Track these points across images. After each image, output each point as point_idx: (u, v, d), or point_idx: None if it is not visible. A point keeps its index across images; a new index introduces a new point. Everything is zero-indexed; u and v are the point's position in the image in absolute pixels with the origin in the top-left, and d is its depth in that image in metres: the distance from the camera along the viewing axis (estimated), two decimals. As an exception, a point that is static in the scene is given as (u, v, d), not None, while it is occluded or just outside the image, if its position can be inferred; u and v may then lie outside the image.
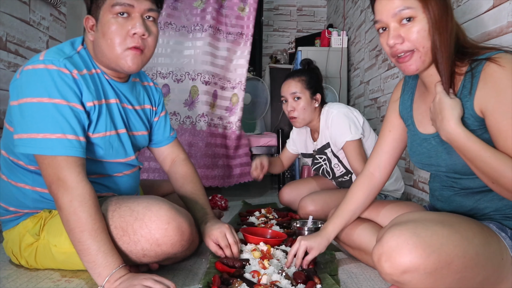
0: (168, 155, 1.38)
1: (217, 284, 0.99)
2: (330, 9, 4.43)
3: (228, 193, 2.67)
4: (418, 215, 0.89)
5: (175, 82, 2.58)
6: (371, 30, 2.84)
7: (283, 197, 2.08)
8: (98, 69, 1.13)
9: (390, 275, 0.82)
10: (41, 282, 1.06)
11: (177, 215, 1.04)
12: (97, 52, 1.10)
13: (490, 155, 0.82)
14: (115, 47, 1.05)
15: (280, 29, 4.64)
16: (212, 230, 1.19)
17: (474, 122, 0.88)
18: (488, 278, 0.84)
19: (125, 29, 1.05)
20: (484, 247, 0.83)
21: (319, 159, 1.90)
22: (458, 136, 0.84)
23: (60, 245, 1.06)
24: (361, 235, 1.19)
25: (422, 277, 0.79)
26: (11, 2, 1.81)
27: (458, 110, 0.86)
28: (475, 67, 0.87)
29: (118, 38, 1.04)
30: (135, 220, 1.01)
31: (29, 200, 1.11)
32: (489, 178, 0.84)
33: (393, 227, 0.84)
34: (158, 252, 1.03)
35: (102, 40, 1.06)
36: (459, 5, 1.55)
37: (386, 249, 0.82)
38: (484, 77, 0.85)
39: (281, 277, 1.02)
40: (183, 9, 2.69)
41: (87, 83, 1.06)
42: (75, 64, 1.05)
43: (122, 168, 1.19)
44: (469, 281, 0.82)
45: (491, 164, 0.82)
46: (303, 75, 1.82)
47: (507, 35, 1.25)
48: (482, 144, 0.83)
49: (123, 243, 1.02)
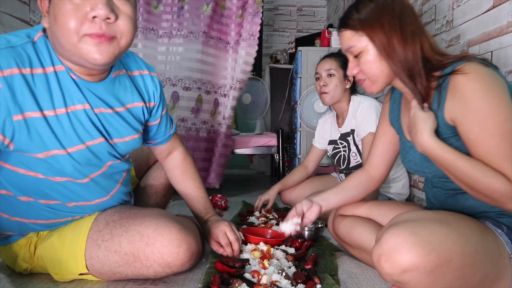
0: (166, 149, 1.27)
1: (217, 284, 0.99)
2: (330, 9, 4.43)
3: (228, 193, 2.67)
4: (416, 215, 0.89)
5: (184, 90, 2.62)
6: (371, 30, 2.83)
7: (285, 196, 2.08)
8: (62, 65, 0.88)
9: (390, 275, 0.82)
10: (41, 282, 1.06)
11: (187, 236, 1.03)
12: (54, 43, 0.85)
13: (464, 164, 0.85)
14: (70, 35, 0.80)
15: (280, 29, 4.64)
16: (212, 229, 1.20)
17: (447, 131, 0.92)
18: (488, 275, 0.84)
19: (82, 10, 0.79)
20: (482, 244, 0.84)
21: (339, 145, 1.92)
22: (432, 147, 0.89)
23: (62, 274, 1.03)
24: (361, 234, 1.19)
25: (422, 276, 0.79)
26: (11, 2, 1.81)
27: (430, 122, 0.91)
28: (443, 81, 0.91)
29: (73, 22, 0.79)
30: (146, 246, 0.99)
31: (7, 226, 1.02)
32: (465, 185, 0.87)
33: (391, 227, 0.85)
34: (168, 272, 1.03)
35: (55, 25, 0.81)
36: (459, 5, 1.55)
37: (385, 249, 0.82)
38: (451, 89, 0.89)
39: (281, 277, 1.02)
40: (191, 16, 2.71)
41: (21, 89, 0.81)
42: (20, 58, 0.82)
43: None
44: (469, 278, 0.82)
45: (466, 172, 0.85)
46: (339, 56, 1.87)
47: (507, 35, 1.25)
48: (456, 154, 0.87)
49: (134, 268, 1.01)
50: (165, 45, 2.62)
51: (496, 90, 0.84)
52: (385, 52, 0.95)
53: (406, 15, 0.95)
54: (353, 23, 0.99)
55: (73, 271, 1.01)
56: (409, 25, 0.95)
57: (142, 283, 1.06)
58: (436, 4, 1.78)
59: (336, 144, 1.94)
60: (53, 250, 1.03)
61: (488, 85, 0.84)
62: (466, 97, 0.85)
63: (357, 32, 0.98)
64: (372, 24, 0.96)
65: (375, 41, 0.96)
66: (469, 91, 0.85)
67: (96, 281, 1.06)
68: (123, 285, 1.05)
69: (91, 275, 1.03)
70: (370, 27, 0.96)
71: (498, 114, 0.82)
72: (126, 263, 1.00)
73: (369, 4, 0.97)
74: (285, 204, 2.14)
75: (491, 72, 0.86)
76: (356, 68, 1.02)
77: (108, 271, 1.01)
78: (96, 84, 0.94)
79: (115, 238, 1.00)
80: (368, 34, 0.96)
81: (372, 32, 0.96)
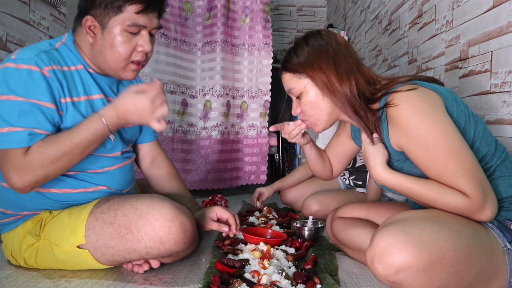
0: (149, 152, 1.40)
1: (217, 284, 0.99)
2: (330, 9, 4.43)
3: (228, 193, 2.67)
4: (407, 215, 0.89)
5: (190, 98, 2.70)
6: (371, 30, 2.84)
7: (285, 196, 2.07)
8: (81, 65, 1.12)
9: (385, 276, 0.82)
10: (41, 282, 1.06)
11: (180, 213, 1.05)
12: (97, 57, 1.10)
13: (420, 188, 0.90)
14: (121, 60, 1.08)
15: (280, 29, 4.64)
16: (206, 212, 1.27)
17: (399, 157, 0.97)
18: (483, 269, 0.84)
19: (133, 44, 1.08)
20: (474, 239, 0.84)
21: None
22: (386, 180, 0.95)
23: (62, 245, 1.06)
24: (360, 236, 1.19)
25: (416, 275, 0.79)
26: (11, 2, 1.81)
27: (380, 156, 0.96)
28: (381, 115, 0.98)
29: (126, 53, 1.07)
30: (138, 218, 1.02)
31: (27, 201, 1.11)
32: (428, 204, 0.92)
33: (382, 228, 0.85)
34: (161, 250, 1.04)
35: (109, 50, 1.07)
36: (459, 5, 1.55)
37: (377, 251, 0.82)
38: (390, 121, 0.95)
39: (281, 277, 1.02)
40: (194, 26, 2.76)
41: (60, 80, 1.04)
42: (50, 59, 1.04)
43: (111, 162, 1.18)
44: (464, 275, 0.82)
45: (423, 195, 0.90)
46: None
47: (507, 35, 1.25)
48: (410, 180, 0.92)
49: (126, 241, 1.03)
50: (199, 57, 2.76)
51: (428, 112, 0.88)
52: (328, 90, 1.01)
53: (340, 55, 1.02)
54: (292, 66, 1.06)
55: (72, 241, 1.05)
56: (343, 64, 1.01)
57: (142, 283, 1.06)
58: (436, 4, 1.78)
59: None
60: (60, 223, 1.08)
61: (419, 110, 0.89)
62: (402, 126, 0.90)
63: (295, 74, 1.05)
64: (311, 65, 1.02)
65: (316, 80, 1.02)
66: (403, 121, 0.90)
67: (96, 281, 1.07)
68: (123, 285, 1.05)
69: (87, 250, 1.05)
70: (309, 68, 1.03)
71: (435, 134, 0.86)
72: (118, 235, 1.03)
73: (306, 47, 1.05)
74: (284, 204, 2.13)
75: (420, 94, 0.91)
76: (298, 108, 1.09)
77: (102, 244, 1.04)
78: (107, 77, 1.18)
79: (111, 211, 1.05)
80: (309, 75, 1.03)
81: (312, 72, 1.02)
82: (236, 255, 1.24)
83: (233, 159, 2.78)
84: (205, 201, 2.17)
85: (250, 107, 2.81)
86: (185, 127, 2.67)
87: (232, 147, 2.77)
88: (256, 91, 2.79)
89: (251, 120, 2.81)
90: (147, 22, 1.07)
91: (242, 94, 2.81)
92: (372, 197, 1.66)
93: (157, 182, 1.38)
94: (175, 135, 2.61)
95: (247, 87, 2.80)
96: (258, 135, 2.80)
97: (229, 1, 2.78)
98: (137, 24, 1.06)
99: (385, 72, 2.50)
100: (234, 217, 1.28)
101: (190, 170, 2.64)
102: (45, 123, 1.00)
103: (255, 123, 2.81)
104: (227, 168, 2.74)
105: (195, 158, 2.66)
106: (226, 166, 2.73)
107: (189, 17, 2.75)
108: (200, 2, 2.78)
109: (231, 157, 2.77)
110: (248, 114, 2.81)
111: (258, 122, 2.80)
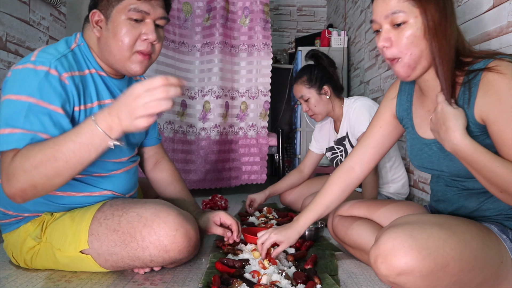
0: (153, 155, 1.40)
1: (217, 284, 0.99)
2: (330, 9, 4.43)
3: (228, 193, 2.67)
4: (416, 217, 0.88)
5: (189, 99, 2.71)
6: (371, 30, 2.84)
7: (285, 197, 2.07)
8: (93, 69, 1.12)
9: (386, 276, 0.81)
10: (41, 282, 1.06)
11: (185, 222, 1.05)
12: (103, 51, 1.10)
13: (499, 165, 0.79)
14: (125, 49, 1.06)
15: (280, 29, 4.64)
16: (210, 216, 1.27)
17: (475, 129, 0.86)
18: (486, 280, 0.84)
19: (137, 32, 1.06)
20: (482, 250, 0.82)
21: (337, 150, 1.92)
22: (465, 147, 0.82)
23: (64, 249, 1.06)
24: (361, 234, 1.19)
25: (417, 280, 0.79)
26: (11, 2, 1.81)
27: (462, 120, 0.84)
28: (474, 77, 0.85)
29: (130, 41, 1.05)
30: (143, 227, 1.02)
31: (29, 203, 1.08)
32: (497, 187, 0.82)
33: (389, 229, 0.84)
34: (166, 258, 1.04)
35: (113, 40, 1.06)
36: (459, 5, 1.55)
37: (382, 251, 0.81)
38: (483, 86, 0.83)
39: (281, 277, 1.02)
40: (193, 28, 2.77)
41: (78, 87, 1.04)
42: (69, 64, 1.04)
43: (118, 165, 1.18)
44: (466, 284, 0.81)
45: (500, 174, 0.79)
46: (304, 75, 1.86)
47: (507, 35, 1.25)
48: (489, 155, 0.81)
49: (130, 249, 1.02)
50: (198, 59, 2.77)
51: None
52: (434, 31, 0.86)
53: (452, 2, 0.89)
54: None
55: (75, 246, 1.04)
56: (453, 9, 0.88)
57: (142, 283, 1.06)
58: (436, 4, 1.77)
59: (333, 150, 1.95)
60: (62, 227, 1.07)
61: None
62: (502, 95, 0.80)
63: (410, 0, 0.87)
64: None
65: (427, 16, 0.86)
66: (504, 89, 0.80)
67: (96, 281, 1.07)
68: (123, 285, 1.05)
69: (90, 256, 1.05)
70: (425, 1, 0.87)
71: None
72: (122, 243, 1.02)
73: None
74: (284, 205, 2.13)
75: None
76: (389, 41, 0.90)
77: (105, 251, 1.04)
78: (118, 80, 1.19)
79: (116, 218, 1.04)
80: (423, 6, 0.86)
81: (427, 4, 0.86)
82: (236, 255, 1.24)
83: (232, 159, 2.78)
84: (205, 201, 2.18)
85: (250, 108, 2.81)
86: (185, 128, 2.67)
87: (231, 147, 2.78)
88: (256, 91, 2.79)
89: (251, 120, 2.81)
90: (149, 8, 1.06)
91: (241, 94, 2.81)
92: (368, 194, 1.66)
93: (160, 185, 1.38)
94: (175, 135, 2.61)
95: (246, 87, 2.80)
96: (258, 135, 2.81)
97: (228, 2, 2.78)
98: (139, 9, 1.04)
99: (385, 72, 2.50)
100: (237, 224, 1.28)
101: (190, 170, 2.64)
102: (51, 128, 0.96)
103: (254, 123, 2.81)
104: (226, 168, 2.74)
105: (194, 159, 2.67)
106: (226, 166, 2.73)
107: (188, 18, 2.76)
108: (200, 3, 2.78)
109: (230, 157, 2.77)
110: (248, 115, 2.81)
111: (258, 122, 2.80)
